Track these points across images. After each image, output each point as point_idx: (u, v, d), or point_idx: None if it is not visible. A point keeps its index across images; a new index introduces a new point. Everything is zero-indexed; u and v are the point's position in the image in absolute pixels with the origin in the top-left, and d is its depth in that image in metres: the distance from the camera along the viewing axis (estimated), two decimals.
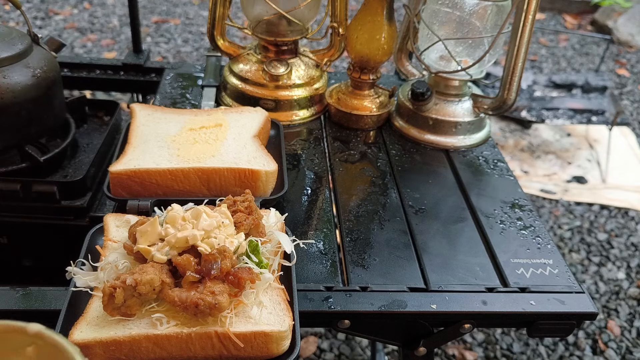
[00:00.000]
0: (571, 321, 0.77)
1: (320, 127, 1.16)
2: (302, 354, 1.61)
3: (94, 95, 2.45)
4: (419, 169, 1.05)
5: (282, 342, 0.62)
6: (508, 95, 1.05)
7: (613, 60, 3.65)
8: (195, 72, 1.31)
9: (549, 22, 4.15)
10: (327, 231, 0.87)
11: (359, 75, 1.13)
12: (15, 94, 0.90)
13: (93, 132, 1.11)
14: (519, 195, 0.99)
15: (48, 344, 0.46)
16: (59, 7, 3.68)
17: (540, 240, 0.89)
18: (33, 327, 0.46)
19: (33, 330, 0.46)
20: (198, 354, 0.61)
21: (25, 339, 0.46)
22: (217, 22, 1.15)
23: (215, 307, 0.59)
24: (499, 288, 0.79)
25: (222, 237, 0.66)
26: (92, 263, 0.69)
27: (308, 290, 0.76)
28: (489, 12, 1.03)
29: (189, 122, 0.97)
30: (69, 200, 0.92)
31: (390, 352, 1.64)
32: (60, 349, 0.45)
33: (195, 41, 3.42)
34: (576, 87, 2.78)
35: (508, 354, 1.68)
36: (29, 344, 0.46)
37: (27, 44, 0.94)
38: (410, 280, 0.79)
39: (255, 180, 0.86)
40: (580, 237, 2.17)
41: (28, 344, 0.46)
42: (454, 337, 0.82)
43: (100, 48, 3.23)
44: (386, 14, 1.06)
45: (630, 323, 1.82)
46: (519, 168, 2.56)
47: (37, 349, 0.46)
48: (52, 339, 0.45)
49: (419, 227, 0.90)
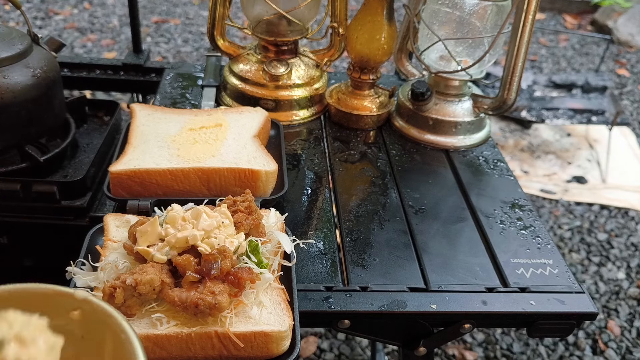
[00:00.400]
0: (571, 321, 0.77)
1: (320, 127, 1.16)
2: (302, 354, 1.61)
3: (94, 95, 2.45)
4: (419, 169, 1.05)
5: (282, 342, 0.62)
6: (508, 95, 1.05)
7: (613, 60, 3.65)
8: (195, 72, 1.31)
9: (549, 22, 4.15)
10: (327, 231, 0.87)
11: (359, 75, 1.13)
12: (15, 94, 0.90)
13: (93, 132, 1.11)
14: (519, 195, 0.99)
15: (94, 308, 0.48)
16: (59, 7, 3.68)
17: (540, 240, 0.89)
18: (80, 292, 0.49)
19: (80, 296, 0.49)
20: (198, 354, 0.61)
21: (72, 303, 0.49)
22: (217, 22, 1.15)
23: (215, 307, 0.59)
24: (499, 288, 0.79)
25: (222, 237, 0.66)
26: (92, 263, 0.69)
27: (308, 290, 0.76)
28: (489, 12, 1.03)
29: (189, 122, 0.97)
30: (69, 200, 0.92)
31: (390, 352, 1.64)
32: (107, 313, 0.48)
33: (195, 41, 3.42)
34: (576, 87, 2.78)
35: (508, 354, 1.68)
36: (75, 308, 0.49)
37: (27, 44, 0.94)
38: (410, 280, 0.79)
39: (255, 180, 0.86)
40: (580, 237, 2.17)
41: (74, 308, 0.49)
42: (454, 337, 0.82)
43: (100, 48, 3.23)
44: (386, 14, 1.06)
45: (630, 323, 1.82)
46: (519, 168, 2.56)
47: (82, 313, 0.49)
48: (99, 304, 0.48)
49: (419, 227, 0.90)
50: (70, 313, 0.49)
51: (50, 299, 0.49)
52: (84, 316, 0.49)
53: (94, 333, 0.50)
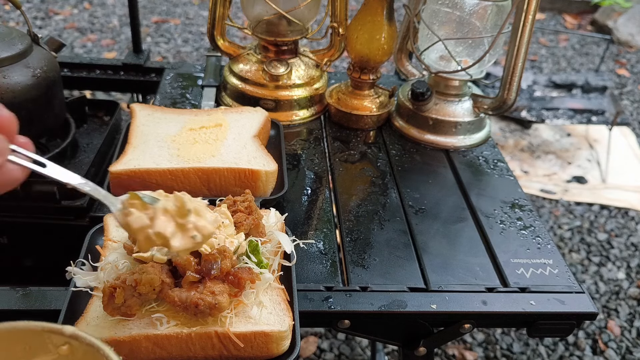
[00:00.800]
0: (571, 321, 0.77)
1: (320, 127, 1.16)
2: (302, 354, 1.61)
3: (94, 95, 2.45)
4: (419, 169, 1.05)
5: (282, 342, 0.62)
6: (508, 95, 1.05)
7: (613, 60, 3.65)
8: (195, 72, 1.31)
9: (549, 22, 4.15)
10: (327, 231, 0.87)
11: (359, 75, 1.13)
12: (15, 94, 0.90)
13: (93, 132, 1.11)
14: (519, 195, 0.99)
15: (83, 343, 0.49)
16: (59, 7, 3.68)
17: (540, 240, 0.89)
18: (68, 328, 0.50)
19: (69, 331, 0.49)
20: (198, 354, 0.61)
21: (59, 339, 0.50)
22: (217, 22, 1.15)
23: (215, 307, 0.59)
24: (499, 288, 0.79)
25: (222, 237, 0.66)
26: (92, 263, 0.69)
27: (308, 290, 0.76)
28: (489, 12, 1.03)
29: (189, 122, 0.97)
30: (69, 200, 0.92)
31: (390, 352, 1.64)
32: (95, 348, 0.48)
33: (195, 41, 3.42)
34: (576, 87, 2.78)
35: (508, 354, 1.68)
36: (63, 343, 0.50)
37: (27, 44, 0.94)
38: (410, 280, 0.79)
39: (255, 180, 0.86)
40: (580, 237, 2.17)
41: (62, 343, 0.50)
42: (454, 337, 0.82)
43: (100, 48, 3.23)
44: (386, 14, 1.06)
45: (630, 323, 1.82)
46: (519, 168, 2.56)
47: (70, 348, 0.50)
48: (87, 339, 0.49)
49: (419, 227, 0.90)
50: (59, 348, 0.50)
51: (39, 336, 0.50)
52: (72, 351, 0.50)
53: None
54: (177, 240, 0.56)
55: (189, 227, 0.56)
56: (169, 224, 0.55)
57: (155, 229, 0.55)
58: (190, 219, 0.56)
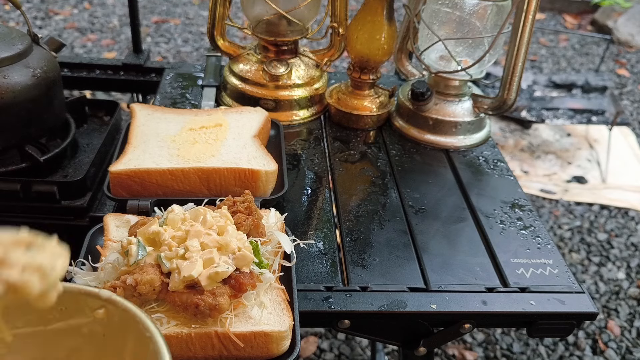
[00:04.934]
0: (571, 321, 0.77)
1: (320, 127, 1.16)
2: (302, 354, 1.61)
3: (94, 95, 2.45)
4: (419, 169, 1.05)
5: (282, 342, 0.62)
6: (508, 95, 1.05)
7: (613, 60, 3.65)
8: (195, 72, 1.31)
9: (549, 22, 4.15)
10: (327, 231, 0.87)
11: (359, 75, 1.13)
12: (15, 94, 0.90)
13: (93, 132, 1.11)
14: (519, 195, 0.99)
15: (119, 308, 0.50)
16: (59, 7, 3.68)
17: (540, 240, 0.89)
18: (105, 292, 0.51)
19: (105, 295, 0.51)
20: (198, 354, 0.61)
21: (96, 302, 0.51)
22: (217, 22, 1.15)
23: (215, 308, 0.59)
24: (499, 288, 0.79)
25: (234, 242, 0.66)
26: (92, 263, 0.69)
27: (308, 290, 0.76)
28: (489, 12, 1.03)
29: (189, 122, 0.97)
30: (69, 200, 0.92)
31: (390, 352, 1.64)
32: (131, 313, 0.49)
33: (195, 41, 3.42)
34: (576, 87, 2.78)
35: (508, 354, 1.68)
36: (99, 307, 0.51)
37: (27, 44, 0.94)
38: (410, 280, 0.79)
39: (255, 180, 0.86)
40: (580, 237, 2.17)
41: (98, 306, 0.51)
42: (454, 337, 0.82)
43: (100, 48, 3.23)
44: (386, 14, 1.06)
45: (630, 323, 1.82)
46: (519, 168, 2.56)
47: (106, 312, 0.51)
48: (124, 304, 0.50)
49: (419, 227, 0.90)
50: (95, 312, 0.51)
51: (76, 298, 0.51)
52: (108, 315, 0.51)
53: (116, 331, 0.51)
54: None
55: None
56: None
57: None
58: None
